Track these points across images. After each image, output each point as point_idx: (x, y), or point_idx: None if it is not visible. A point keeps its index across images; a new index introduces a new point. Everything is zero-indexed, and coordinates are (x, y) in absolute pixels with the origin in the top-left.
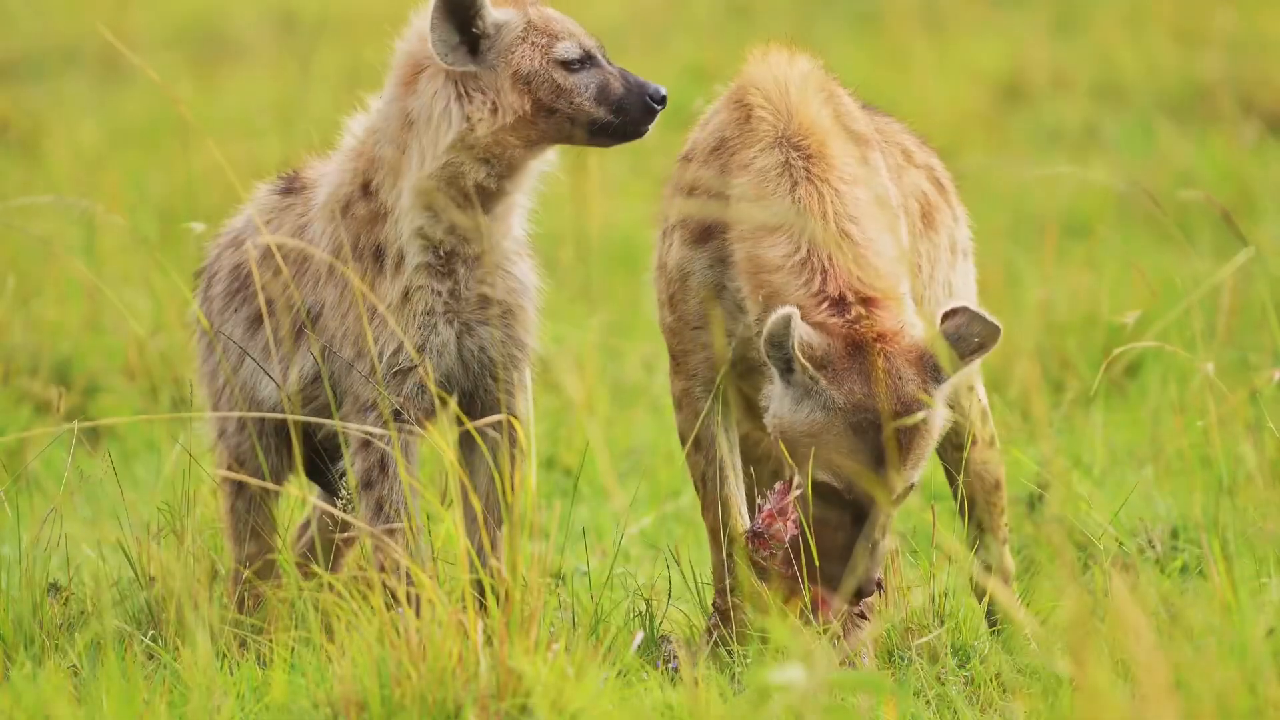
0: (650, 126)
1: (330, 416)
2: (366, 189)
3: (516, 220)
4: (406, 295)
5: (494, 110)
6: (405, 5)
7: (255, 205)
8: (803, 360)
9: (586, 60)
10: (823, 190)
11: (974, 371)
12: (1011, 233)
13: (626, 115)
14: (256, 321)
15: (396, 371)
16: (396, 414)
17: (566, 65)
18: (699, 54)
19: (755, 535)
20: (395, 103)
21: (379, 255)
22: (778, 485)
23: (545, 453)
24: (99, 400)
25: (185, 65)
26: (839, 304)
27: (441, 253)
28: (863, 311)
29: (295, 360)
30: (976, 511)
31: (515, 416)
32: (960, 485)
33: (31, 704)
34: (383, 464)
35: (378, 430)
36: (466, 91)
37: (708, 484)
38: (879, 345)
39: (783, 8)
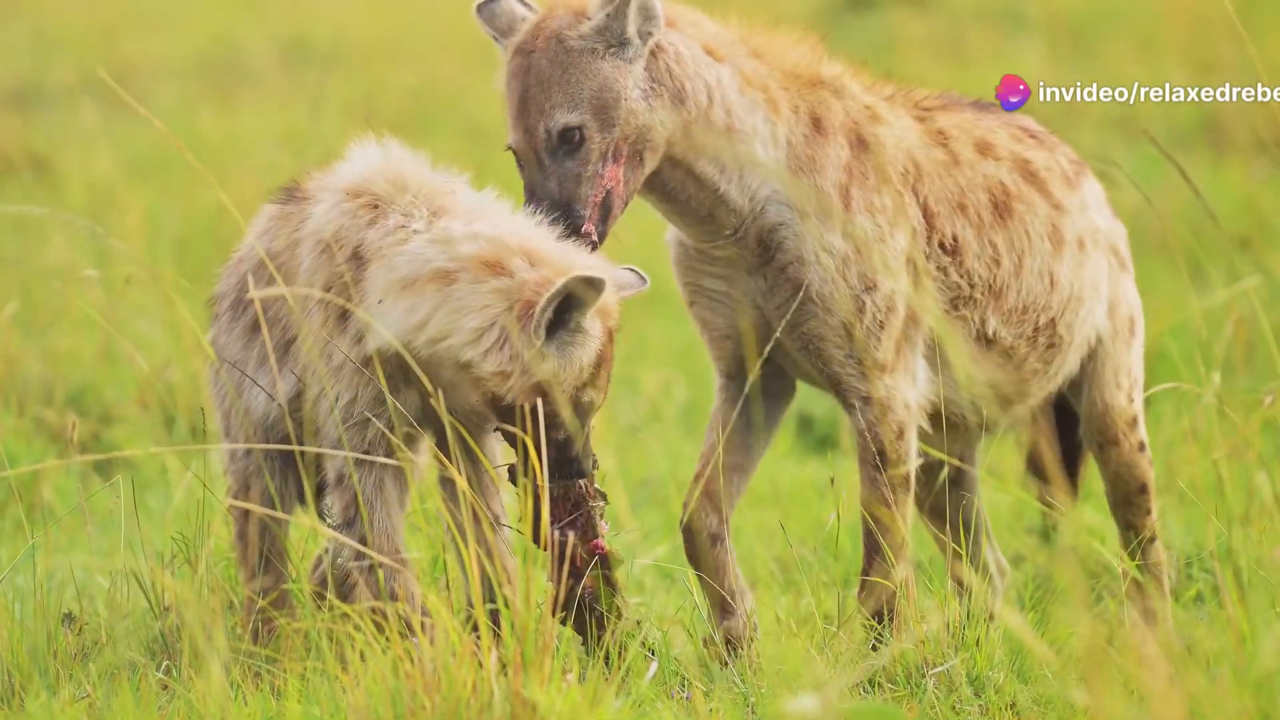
0: None
1: (313, 435)
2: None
3: None
4: (366, 363)
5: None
6: (417, 35)
7: (258, 218)
8: None
9: None
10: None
11: (1122, 370)
12: None
13: None
14: (252, 332)
15: (354, 423)
16: (366, 452)
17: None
18: None
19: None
20: None
21: (344, 317)
22: None
23: None
24: (113, 430)
25: (199, 93)
26: None
27: None
28: None
29: (283, 373)
30: (1122, 511)
31: (485, 456)
32: (1105, 484)
33: None
34: (357, 502)
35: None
36: None
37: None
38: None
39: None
